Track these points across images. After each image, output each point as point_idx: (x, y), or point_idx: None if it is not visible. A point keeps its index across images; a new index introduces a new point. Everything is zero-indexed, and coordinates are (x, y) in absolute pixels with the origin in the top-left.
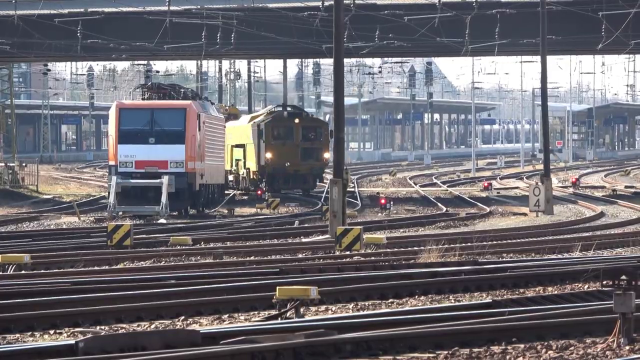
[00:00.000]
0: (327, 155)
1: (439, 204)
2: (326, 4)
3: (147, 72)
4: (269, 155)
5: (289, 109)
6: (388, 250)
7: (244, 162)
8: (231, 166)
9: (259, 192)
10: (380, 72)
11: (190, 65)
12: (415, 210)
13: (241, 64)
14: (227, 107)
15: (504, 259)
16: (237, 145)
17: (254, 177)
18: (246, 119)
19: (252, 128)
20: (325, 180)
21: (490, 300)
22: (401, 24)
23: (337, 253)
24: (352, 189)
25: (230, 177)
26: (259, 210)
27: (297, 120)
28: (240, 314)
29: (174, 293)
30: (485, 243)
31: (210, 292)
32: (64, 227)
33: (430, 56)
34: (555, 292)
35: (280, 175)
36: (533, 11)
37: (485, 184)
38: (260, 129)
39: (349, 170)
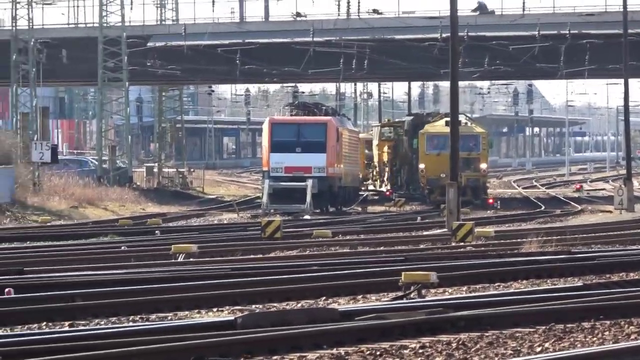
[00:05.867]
0: (484, 165)
1: (538, 203)
2: (443, 35)
3: (294, 93)
4: (422, 165)
5: (448, 118)
6: (495, 241)
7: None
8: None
9: (387, 193)
10: (488, 92)
11: (330, 87)
12: (518, 208)
13: (372, 86)
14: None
15: (593, 249)
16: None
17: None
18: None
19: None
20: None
21: (581, 284)
22: (506, 52)
23: (453, 244)
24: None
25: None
26: (387, 208)
27: None
28: (371, 295)
29: (317, 277)
30: (577, 236)
31: (347, 277)
32: (225, 222)
33: (531, 79)
34: (637, 277)
35: (436, 187)
36: (617, 41)
37: (577, 186)
38: (418, 139)
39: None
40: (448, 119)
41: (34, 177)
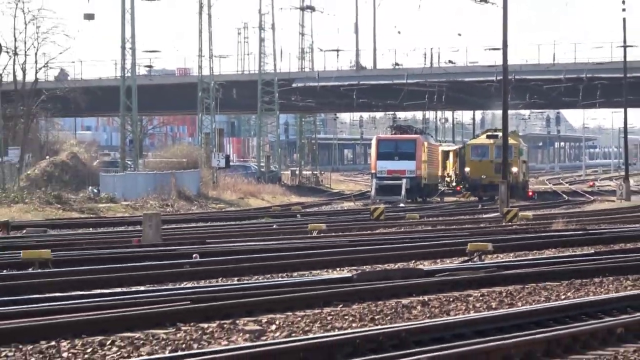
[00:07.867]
0: (515, 169)
1: (563, 195)
2: (498, 78)
3: (393, 119)
4: (467, 169)
5: (489, 132)
6: (534, 222)
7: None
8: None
9: (458, 187)
10: (529, 118)
11: (418, 114)
12: (550, 198)
13: (448, 113)
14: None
15: (602, 228)
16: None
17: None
18: None
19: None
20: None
21: (593, 251)
22: (541, 89)
23: (503, 223)
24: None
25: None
26: (458, 198)
27: (492, 141)
28: (446, 259)
29: (409, 246)
30: (590, 218)
31: (430, 246)
32: (345, 208)
33: (558, 108)
34: (633, 246)
35: (478, 186)
36: (619, 82)
37: (591, 183)
38: (464, 149)
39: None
40: (489, 133)
41: (213, 177)
